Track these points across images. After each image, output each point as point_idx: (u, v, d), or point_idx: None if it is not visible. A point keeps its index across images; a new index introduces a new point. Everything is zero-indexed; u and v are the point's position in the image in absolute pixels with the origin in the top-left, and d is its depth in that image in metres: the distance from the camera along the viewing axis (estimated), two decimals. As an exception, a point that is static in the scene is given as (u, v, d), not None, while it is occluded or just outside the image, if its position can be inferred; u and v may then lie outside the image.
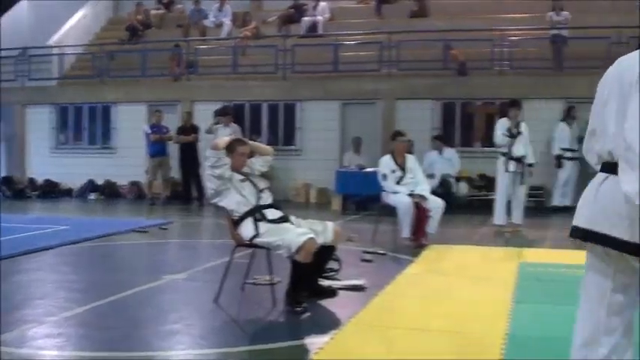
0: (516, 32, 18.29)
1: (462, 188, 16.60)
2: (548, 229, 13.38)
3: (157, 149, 17.89)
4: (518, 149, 12.24)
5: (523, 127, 12.37)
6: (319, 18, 20.49)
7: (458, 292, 7.58)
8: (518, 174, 12.29)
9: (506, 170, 12.24)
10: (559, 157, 16.44)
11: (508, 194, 12.40)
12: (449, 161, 16.45)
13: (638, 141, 3.05)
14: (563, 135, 16.47)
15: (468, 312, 6.68)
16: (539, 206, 16.44)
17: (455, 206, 15.00)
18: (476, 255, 10.17)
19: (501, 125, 12.32)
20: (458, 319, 6.43)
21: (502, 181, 12.40)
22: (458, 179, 16.55)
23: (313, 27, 20.46)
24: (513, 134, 12.19)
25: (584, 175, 16.64)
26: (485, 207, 14.41)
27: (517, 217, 12.51)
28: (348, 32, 19.80)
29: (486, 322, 6.30)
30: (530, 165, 12.49)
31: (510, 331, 5.96)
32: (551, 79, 17.42)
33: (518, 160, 12.26)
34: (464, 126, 17.98)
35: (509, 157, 12.22)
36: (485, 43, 17.81)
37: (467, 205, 16.27)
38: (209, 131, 17.04)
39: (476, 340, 5.78)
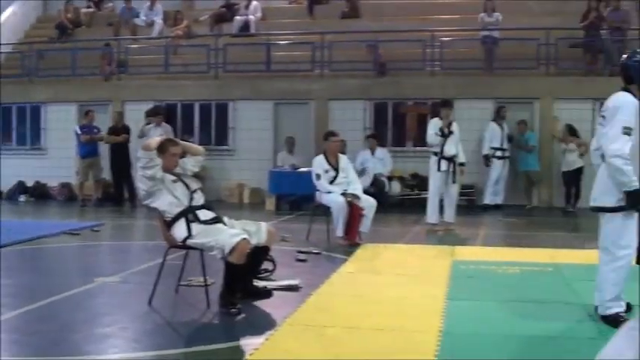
0: (447, 33, 18.50)
1: (395, 187, 16.73)
2: (480, 227, 13.57)
3: (88, 150, 17.63)
4: (449, 149, 12.38)
5: (454, 126, 12.52)
6: (251, 17, 20.41)
7: (392, 290, 7.63)
8: (450, 173, 12.43)
9: (439, 169, 12.37)
10: (487, 157, 16.68)
11: (440, 193, 12.53)
12: (381, 161, 16.58)
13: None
14: (493, 134, 16.72)
15: (402, 310, 6.73)
16: (471, 205, 16.65)
17: (388, 205, 15.16)
18: (409, 253, 10.25)
19: (433, 125, 12.45)
20: (392, 317, 6.47)
21: (434, 180, 12.53)
22: (390, 178, 16.68)
23: (245, 26, 20.38)
24: (445, 134, 12.32)
25: (515, 174, 16.99)
26: (417, 206, 14.57)
27: (449, 215, 12.65)
28: (280, 32, 19.78)
29: (421, 320, 6.35)
30: (461, 164, 12.65)
31: (444, 328, 6.02)
32: (482, 80, 17.68)
33: (450, 159, 12.41)
34: (396, 126, 18.12)
35: (441, 156, 12.35)
36: (417, 44, 17.98)
37: (399, 204, 16.41)
38: (141, 135, 16.84)
39: (411, 337, 5.83)
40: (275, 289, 7.44)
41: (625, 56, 6.42)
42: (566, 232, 13.48)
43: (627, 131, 5.95)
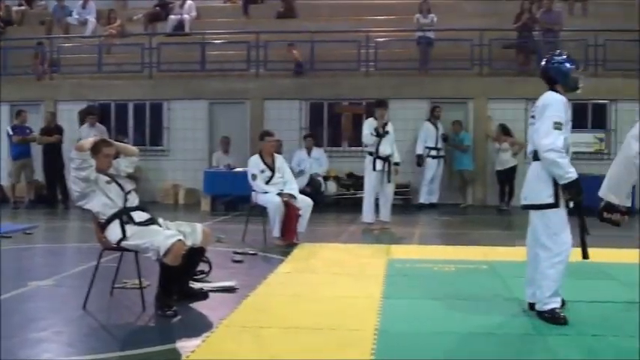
0: (382, 34, 18.62)
1: (331, 187, 16.77)
2: (415, 226, 13.69)
3: (20, 151, 17.28)
4: (385, 148, 12.46)
5: (390, 126, 12.60)
6: (186, 16, 20.27)
7: (329, 289, 7.66)
8: (385, 173, 12.51)
9: (374, 169, 12.44)
10: (421, 156, 16.82)
11: (376, 192, 12.60)
12: (317, 161, 16.61)
13: None
14: (427, 134, 16.88)
15: (339, 309, 6.76)
16: (407, 204, 16.79)
17: (324, 205, 15.19)
18: (345, 252, 10.28)
19: (368, 125, 12.52)
20: (329, 316, 6.49)
21: (370, 180, 12.59)
22: (326, 178, 16.72)
23: (180, 25, 20.23)
24: (380, 134, 12.40)
25: (449, 173, 17.17)
26: (353, 205, 14.64)
27: (385, 214, 12.73)
28: (215, 31, 19.67)
29: (357, 319, 6.39)
30: (396, 164, 12.74)
31: (380, 327, 6.07)
32: (417, 80, 17.83)
33: (385, 159, 12.49)
34: (331, 126, 18.17)
35: (376, 156, 12.42)
36: (352, 44, 18.05)
37: (335, 204, 16.47)
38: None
39: (347, 336, 5.86)
40: (211, 290, 7.40)
41: (544, 61, 6.61)
42: (500, 229, 13.68)
43: (558, 126, 6.15)
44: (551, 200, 6.26)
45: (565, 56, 6.61)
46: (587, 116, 17.56)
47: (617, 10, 20.71)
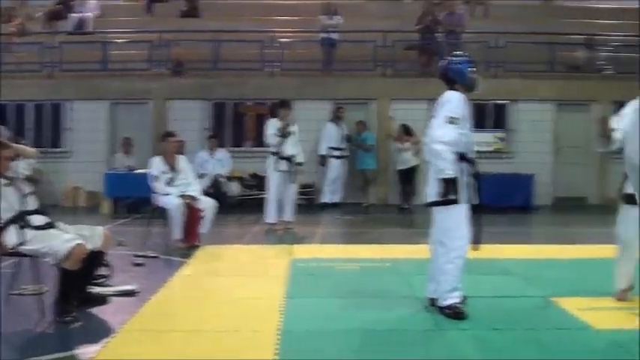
0: (287, 34, 18.65)
1: (234, 188, 16.71)
2: (318, 226, 13.77)
3: None
4: (288, 149, 12.49)
5: (293, 127, 12.64)
6: (88, 15, 19.89)
7: (232, 291, 7.64)
8: (288, 173, 12.54)
9: (277, 169, 12.46)
10: (324, 156, 16.91)
11: (279, 193, 12.62)
12: (220, 161, 16.52)
13: None
14: (331, 134, 16.97)
15: (242, 311, 6.76)
16: (310, 203, 16.85)
17: (227, 206, 15.12)
18: (249, 254, 10.28)
19: (272, 125, 12.52)
20: (232, 318, 6.49)
21: (273, 180, 12.60)
22: (229, 179, 16.65)
23: (81, 24, 19.84)
24: (284, 134, 12.42)
25: (352, 173, 17.32)
26: (257, 206, 14.58)
27: (288, 214, 12.76)
28: (118, 30, 19.37)
29: (260, 320, 6.40)
30: (299, 164, 12.79)
31: (284, 327, 6.11)
32: (320, 81, 17.93)
33: (289, 159, 12.52)
34: (235, 126, 18.11)
35: (279, 156, 12.45)
36: (256, 45, 18.02)
37: (239, 205, 16.41)
38: None
39: (251, 337, 5.87)
40: (112, 294, 7.30)
41: (444, 62, 6.76)
42: (403, 228, 13.87)
43: (452, 120, 6.31)
44: (451, 197, 6.40)
45: (463, 57, 6.78)
46: (488, 116, 17.97)
47: (517, 12, 21.31)
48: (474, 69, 6.75)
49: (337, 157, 17.01)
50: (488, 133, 17.68)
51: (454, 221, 6.44)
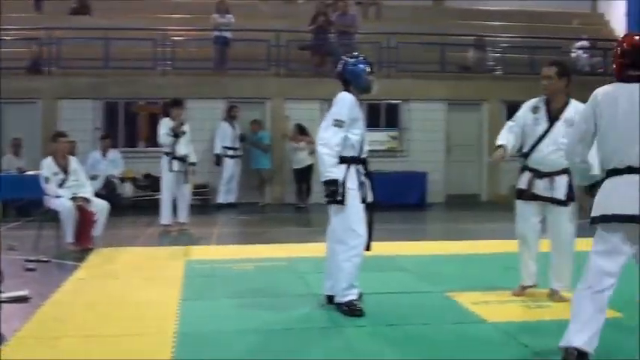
0: (179, 32, 18.46)
1: (127, 189, 16.43)
2: (214, 226, 13.68)
3: None
4: (181, 149, 12.38)
5: (186, 126, 12.54)
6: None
7: (127, 294, 7.52)
8: (182, 173, 12.42)
9: (171, 170, 12.33)
10: (219, 156, 16.81)
11: (173, 193, 12.48)
12: (113, 162, 16.22)
13: None
14: (225, 134, 16.86)
15: (137, 314, 6.66)
16: (205, 204, 16.73)
17: (120, 207, 14.88)
18: (143, 256, 10.11)
19: (164, 125, 12.39)
20: (128, 321, 6.39)
21: (166, 181, 12.46)
22: (122, 180, 16.37)
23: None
24: (177, 134, 12.30)
25: (247, 172, 17.28)
26: (151, 207, 14.39)
27: (183, 215, 12.64)
28: (5, 27, 18.75)
29: (156, 323, 6.33)
30: (192, 164, 12.69)
31: (180, 329, 6.05)
32: (214, 80, 17.80)
33: (182, 159, 12.40)
34: (127, 126, 17.81)
35: (172, 156, 12.32)
36: (148, 43, 17.77)
37: (133, 206, 16.14)
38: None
39: (146, 341, 5.79)
40: (2, 301, 7.07)
41: (341, 63, 6.83)
42: (299, 227, 13.93)
43: (338, 123, 6.37)
44: (336, 198, 6.47)
45: (360, 59, 6.85)
46: (381, 115, 18.20)
47: (408, 13, 21.67)
48: (371, 71, 6.82)
49: (232, 157, 16.92)
50: (381, 132, 17.91)
51: (351, 220, 6.51)
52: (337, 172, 6.44)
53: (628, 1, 21.77)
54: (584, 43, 20.17)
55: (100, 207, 10.69)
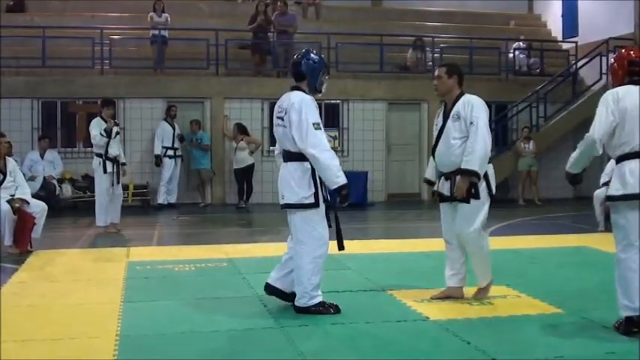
0: (117, 31, 18.27)
1: (66, 190, 16.20)
2: (155, 227, 13.59)
3: None
4: (114, 149, 12.25)
5: (117, 126, 12.43)
6: None
7: (67, 297, 7.42)
8: (115, 174, 12.27)
9: (105, 171, 12.17)
10: (158, 156, 16.67)
11: (109, 194, 12.33)
12: (51, 163, 15.99)
13: None
14: (164, 134, 16.73)
15: (78, 317, 6.58)
16: (146, 205, 16.59)
17: (59, 209, 14.70)
18: (84, 258, 9.99)
19: (97, 125, 12.23)
20: (69, 325, 6.30)
21: (101, 182, 12.30)
22: (61, 181, 16.14)
23: None
24: (110, 134, 12.15)
25: (188, 172, 17.19)
26: (91, 208, 14.17)
27: (116, 217, 12.48)
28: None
29: (97, 325, 6.25)
30: (123, 164, 12.56)
31: (121, 332, 6.00)
32: (153, 79, 17.65)
33: (114, 160, 12.26)
34: (66, 126, 17.55)
35: (105, 157, 12.17)
36: (86, 41, 17.53)
37: (72, 207, 15.93)
38: None
39: (88, 344, 5.73)
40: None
41: (299, 55, 6.80)
42: (240, 227, 13.89)
43: (317, 126, 6.35)
44: (311, 200, 6.46)
45: (319, 57, 6.84)
46: (321, 115, 18.15)
47: (347, 14, 21.78)
48: (327, 75, 6.82)
49: (171, 157, 16.80)
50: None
51: (318, 222, 6.51)
52: (344, 176, 6.47)
53: (563, 3, 22.22)
54: (522, 43, 20.47)
55: (38, 209, 10.54)
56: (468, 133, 6.73)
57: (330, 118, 18.32)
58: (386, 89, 18.42)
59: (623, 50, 6.39)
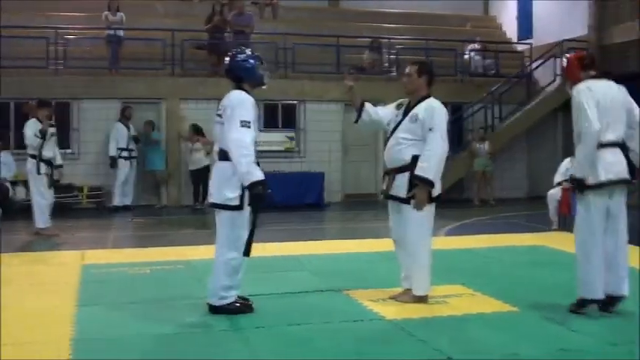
0: (72, 31, 18.07)
1: (20, 192, 15.95)
2: (109, 230, 13.45)
3: None
4: (49, 151, 12.10)
5: (53, 128, 12.28)
6: None
7: (20, 302, 7.29)
8: (49, 176, 12.13)
9: (39, 173, 12.01)
10: (113, 158, 16.52)
11: (46, 197, 12.17)
12: (5, 165, 15.74)
13: None
14: (119, 135, 16.59)
15: (32, 321, 6.48)
16: (100, 207, 16.43)
17: (13, 211, 14.51)
18: (37, 261, 9.90)
19: (32, 126, 12.08)
20: (23, 329, 6.21)
21: (36, 183, 12.12)
22: (15, 183, 15.90)
23: None
24: (45, 135, 11.99)
25: (143, 174, 17.06)
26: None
27: (42, 221, 12.31)
28: None
29: (52, 330, 6.17)
30: (59, 166, 12.42)
31: (76, 336, 5.93)
32: (108, 79, 17.48)
33: (48, 162, 12.10)
34: (19, 127, 17.24)
35: (40, 159, 12.01)
36: (41, 41, 17.30)
37: (27, 210, 15.67)
38: None
39: (42, 349, 5.64)
40: None
41: (227, 59, 6.78)
42: (196, 228, 13.81)
43: (245, 123, 6.30)
44: (236, 202, 6.42)
45: (248, 53, 6.81)
46: (278, 116, 18.22)
47: (304, 15, 21.79)
48: (261, 64, 6.79)
49: (126, 159, 16.66)
50: (278, 132, 17.94)
51: (242, 225, 6.48)
52: (259, 173, 6.33)
53: (518, 5, 22.46)
54: (477, 45, 20.63)
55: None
56: (425, 137, 6.74)
57: (287, 119, 18.32)
58: (342, 90, 18.35)
59: (572, 54, 6.97)
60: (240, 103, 6.47)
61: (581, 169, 6.41)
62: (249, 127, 6.35)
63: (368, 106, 7.37)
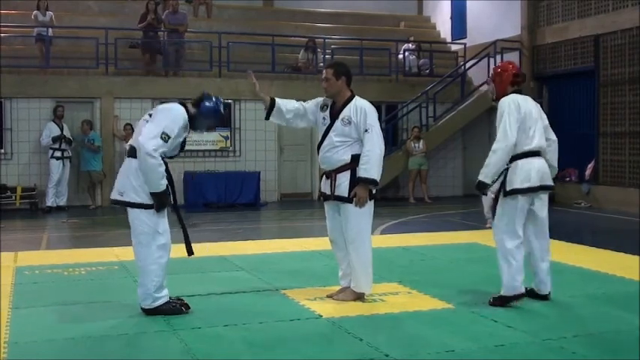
0: (3, 29, 17.73)
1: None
2: (43, 231, 13.26)
3: None
4: None
5: None
6: None
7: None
8: None
9: None
10: (47, 145, 16.29)
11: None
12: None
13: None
14: (51, 134, 16.34)
15: (-37, 325, 6.37)
16: (34, 208, 16.18)
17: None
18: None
19: None
20: (-48, 333, 6.10)
21: None
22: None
23: None
24: None
25: (77, 174, 16.85)
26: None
27: None
28: None
29: (-16, 333, 6.07)
30: None
31: (10, 339, 5.84)
32: (40, 78, 17.20)
33: None
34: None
35: None
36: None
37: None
38: None
39: (-27, 353, 5.56)
40: None
41: (207, 98, 6.90)
42: (128, 228, 13.63)
43: (165, 137, 6.35)
44: (148, 201, 6.45)
45: (220, 101, 7.06)
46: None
47: (239, 14, 21.76)
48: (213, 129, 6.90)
49: (59, 159, 16.42)
50: (213, 132, 17.82)
51: (155, 222, 6.46)
52: (165, 182, 6.38)
53: (452, 5, 22.73)
54: (411, 45, 20.82)
55: None
56: (360, 138, 6.79)
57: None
58: (278, 90, 18.42)
59: (507, 63, 7.44)
60: (173, 116, 6.49)
61: (489, 173, 6.75)
62: (166, 141, 6.33)
63: (279, 102, 7.40)
